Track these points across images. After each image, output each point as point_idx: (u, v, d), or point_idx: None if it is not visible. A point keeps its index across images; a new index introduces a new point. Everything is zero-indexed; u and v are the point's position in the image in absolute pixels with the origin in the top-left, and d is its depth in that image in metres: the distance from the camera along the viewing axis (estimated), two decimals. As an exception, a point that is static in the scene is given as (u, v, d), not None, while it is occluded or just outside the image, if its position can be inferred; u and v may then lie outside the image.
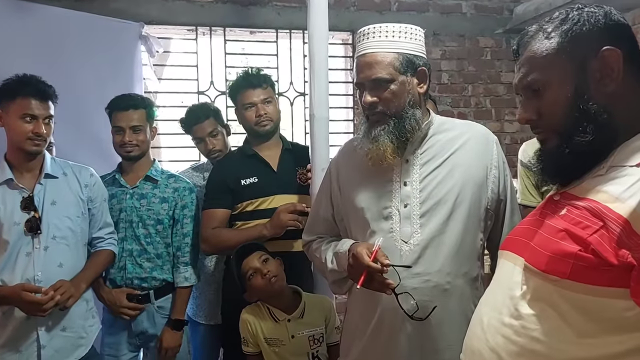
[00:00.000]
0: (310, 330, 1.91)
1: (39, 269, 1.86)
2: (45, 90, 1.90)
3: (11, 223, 1.84)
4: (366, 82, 1.45)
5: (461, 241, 1.43)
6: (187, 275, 2.22)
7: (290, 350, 1.90)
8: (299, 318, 1.92)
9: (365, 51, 1.45)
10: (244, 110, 2.22)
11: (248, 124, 2.23)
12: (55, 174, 1.96)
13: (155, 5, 3.14)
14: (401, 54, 1.43)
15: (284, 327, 1.91)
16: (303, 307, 1.94)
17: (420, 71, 1.47)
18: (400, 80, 1.43)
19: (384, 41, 1.43)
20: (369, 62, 1.44)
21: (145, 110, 2.23)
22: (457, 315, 1.42)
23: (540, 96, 1.02)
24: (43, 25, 2.65)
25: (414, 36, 1.46)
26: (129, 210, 2.20)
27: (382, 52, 1.43)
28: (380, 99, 1.43)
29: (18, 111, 1.84)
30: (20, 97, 1.85)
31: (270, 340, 1.91)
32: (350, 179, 1.57)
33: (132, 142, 2.19)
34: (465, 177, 1.45)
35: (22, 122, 1.85)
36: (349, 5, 3.36)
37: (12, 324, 1.83)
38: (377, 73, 1.42)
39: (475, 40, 3.54)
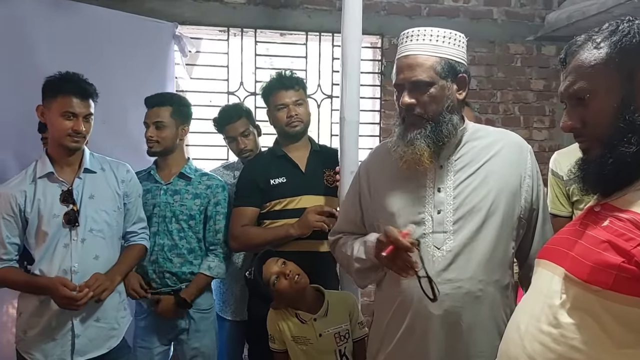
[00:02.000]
0: (335, 328, 1.93)
1: (76, 260, 1.91)
2: (86, 88, 1.94)
3: (51, 215, 1.90)
4: (406, 84, 1.44)
5: (493, 249, 1.43)
6: (212, 265, 2.25)
7: (318, 348, 1.92)
8: (324, 316, 1.94)
9: (407, 53, 1.45)
10: (275, 111, 2.26)
11: (279, 125, 2.27)
12: (94, 168, 2.01)
13: (189, 6, 3.19)
14: (443, 59, 1.43)
15: (311, 327, 1.93)
16: (327, 305, 1.96)
17: (460, 78, 1.47)
18: (440, 85, 1.43)
19: (427, 44, 1.43)
20: (410, 64, 1.43)
21: (171, 107, 2.28)
22: (488, 322, 1.42)
23: (586, 105, 1.02)
24: (82, 23, 2.72)
25: (457, 42, 1.46)
26: (163, 206, 2.25)
27: (424, 55, 1.43)
28: (418, 102, 1.43)
29: (59, 109, 1.89)
30: (61, 95, 1.89)
31: (298, 339, 1.94)
32: (382, 183, 1.57)
33: (153, 137, 2.25)
34: (499, 185, 1.45)
35: (63, 119, 1.89)
36: (379, 10, 3.38)
37: (48, 313, 1.89)
38: (417, 75, 1.42)
39: (505, 47, 3.52)
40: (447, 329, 1.41)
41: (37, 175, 1.93)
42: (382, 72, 3.43)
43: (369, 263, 1.52)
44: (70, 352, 1.91)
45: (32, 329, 1.91)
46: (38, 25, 2.58)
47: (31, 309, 1.91)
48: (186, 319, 2.25)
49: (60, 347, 1.90)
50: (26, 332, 1.92)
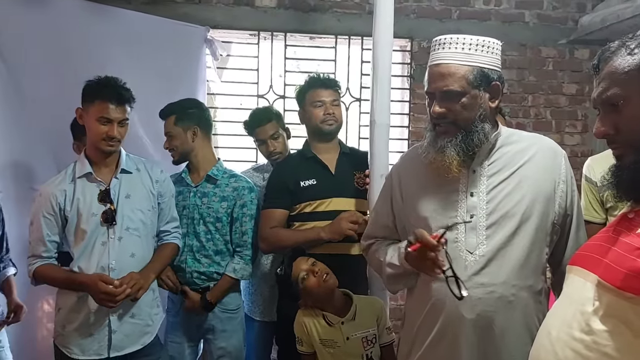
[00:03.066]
0: (363, 332, 1.94)
1: (113, 257, 1.97)
2: (123, 94, 1.99)
3: (89, 214, 1.96)
4: (437, 92, 1.44)
5: (527, 254, 1.42)
6: (237, 267, 2.28)
7: (345, 351, 1.93)
8: (352, 320, 1.95)
9: (439, 61, 1.44)
10: (312, 107, 2.26)
11: (314, 122, 2.27)
12: (130, 169, 2.07)
13: (221, 11, 3.25)
14: (476, 68, 1.41)
15: (339, 330, 1.95)
16: (355, 309, 1.97)
17: (493, 86, 1.45)
18: (472, 94, 1.42)
19: (459, 53, 1.42)
20: (442, 73, 1.42)
21: (174, 115, 2.32)
22: (520, 327, 1.41)
23: (619, 111, 1.02)
24: (118, 28, 2.80)
25: (490, 49, 1.45)
26: (191, 208, 2.29)
27: (456, 64, 1.41)
28: (449, 111, 1.42)
29: (96, 113, 1.94)
30: (99, 101, 1.94)
31: (326, 342, 1.95)
32: (414, 187, 1.57)
33: (168, 147, 2.33)
34: (533, 191, 1.44)
35: (99, 124, 1.94)
36: (409, 13, 3.38)
37: (85, 309, 1.95)
38: (449, 85, 1.41)
39: (537, 50, 3.48)
40: (479, 333, 1.41)
41: (77, 175, 1.99)
42: (412, 76, 3.43)
43: (401, 269, 1.53)
44: (107, 347, 1.97)
45: (70, 324, 1.97)
46: (75, 30, 2.67)
47: (69, 305, 1.97)
48: (213, 318, 2.29)
49: (97, 342, 1.96)
50: (64, 327, 1.98)
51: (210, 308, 2.26)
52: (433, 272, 1.36)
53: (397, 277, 1.58)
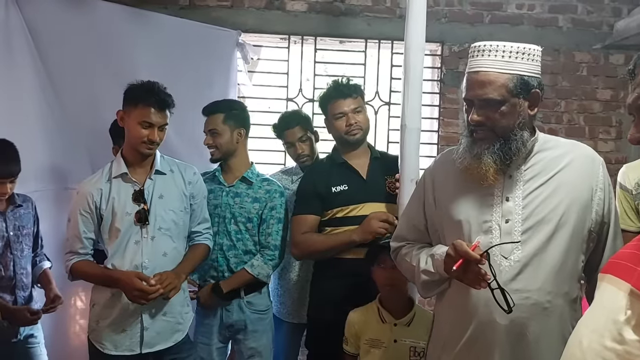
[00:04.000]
0: (413, 341, 1.92)
1: (146, 256, 2.01)
2: (165, 99, 2.03)
3: (123, 213, 2.01)
4: (476, 100, 1.43)
5: (563, 261, 1.41)
6: (255, 264, 2.29)
7: (390, 355, 1.93)
8: (406, 325, 1.95)
9: (478, 68, 1.43)
10: (334, 120, 2.27)
11: (338, 133, 2.28)
12: (164, 170, 2.11)
13: (253, 15, 3.29)
14: (515, 76, 1.40)
15: (389, 330, 1.94)
16: (412, 316, 1.96)
17: (533, 93, 1.44)
18: (511, 102, 1.40)
19: (499, 60, 1.40)
20: (481, 81, 1.41)
21: (222, 114, 2.35)
22: (555, 334, 1.40)
23: None
24: (154, 32, 2.86)
25: (531, 57, 1.43)
26: (224, 207, 2.32)
27: (496, 72, 1.40)
28: (488, 119, 1.41)
29: (138, 117, 1.99)
30: (142, 105, 1.99)
31: (373, 342, 1.95)
32: (447, 191, 1.57)
33: (211, 144, 2.34)
34: (570, 197, 1.43)
35: (140, 127, 1.99)
36: (440, 17, 3.36)
37: (119, 305, 1.99)
38: (488, 93, 1.40)
39: (570, 55, 3.42)
40: (512, 340, 1.39)
41: (113, 175, 2.04)
42: (442, 80, 3.41)
43: (437, 276, 1.52)
44: (139, 344, 2.01)
45: (104, 319, 2.01)
46: (113, 34, 2.73)
47: (104, 301, 2.02)
48: (244, 319, 2.32)
49: (129, 338, 2.01)
50: (98, 323, 2.03)
51: (224, 297, 2.27)
52: (477, 286, 1.35)
53: (432, 284, 1.57)
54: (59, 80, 2.59)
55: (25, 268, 2.23)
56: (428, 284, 1.57)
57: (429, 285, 1.58)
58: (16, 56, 2.42)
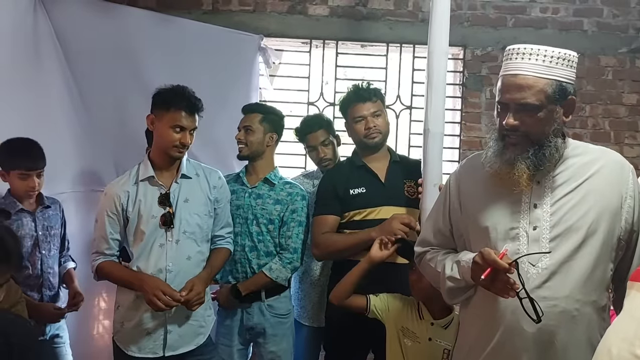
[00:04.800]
0: (448, 344, 1.89)
1: (170, 260, 2.03)
2: (195, 104, 2.06)
3: (149, 216, 2.03)
4: (512, 104, 1.39)
5: (592, 269, 1.39)
6: (274, 267, 2.29)
7: (423, 351, 1.91)
8: (443, 327, 1.93)
9: (517, 72, 1.39)
10: (354, 124, 2.28)
11: (357, 137, 2.29)
12: (190, 174, 2.13)
13: (275, 19, 3.31)
14: (554, 81, 1.37)
15: (425, 327, 1.93)
16: (451, 319, 1.94)
17: (570, 100, 1.41)
18: (548, 109, 1.38)
19: (539, 65, 1.37)
20: (519, 85, 1.38)
21: (260, 114, 2.39)
22: (583, 343, 1.38)
23: None
24: (178, 36, 2.91)
25: (569, 62, 1.40)
26: (246, 208, 2.34)
27: (535, 77, 1.37)
28: (523, 124, 1.38)
29: (170, 121, 2.01)
30: (173, 109, 2.01)
31: (407, 331, 1.94)
32: (474, 196, 1.55)
33: (242, 140, 2.36)
34: (599, 205, 1.40)
35: (172, 131, 2.01)
36: (463, 21, 3.35)
37: (143, 307, 2.01)
38: (526, 98, 1.37)
39: (595, 59, 3.38)
40: (540, 348, 1.37)
41: (140, 178, 2.07)
42: (464, 84, 3.39)
43: (463, 283, 1.50)
44: (162, 346, 2.03)
45: (128, 321, 2.04)
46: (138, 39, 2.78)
47: (128, 303, 2.04)
48: (265, 322, 2.33)
49: (153, 340, 2.03)
50: (123, 324, 2.05)
51: (242, 299, 2.28)
52: (505, 295, 1.34)
53: (457, 290, 1.55)
54: (85, 85, 2.63)
55: (52, 268, 2.28)
56: (453, 290, 1.55)
57: (454, 291, 1.56)
58: (44, 61, 2.47)
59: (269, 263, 2.30)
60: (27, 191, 2.17)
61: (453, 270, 1.53)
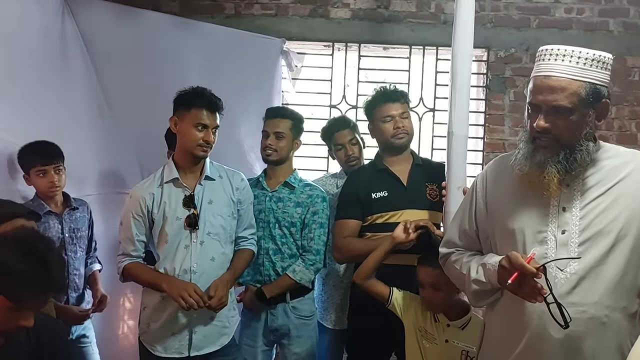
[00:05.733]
0: (466, 345, 1.88)
1: (195, 261, 2.05)
2: (216, 102, 2.08)
3: (174, 217, 2.05)
4: (544, 106, 1.36)
5: (623, 274, 1.36)
6: (297, 269, 2.30)
7: (440, 353, 1.90)
8: (460, 328, 1.91)
9: (551, 73, 1.36)
10: (381, 123, 2.27)
11: (384, 137, 2.28)
12: (213, 176, 2.15)
13: (296, 22, 3.32)
14: (588, 84, 1.34)
15: (441, 329, 1.92)
16: (468, 320, 1.92)
17: (603, 103, 1.38)
18: (581, 112, 1.35)
19: (574, 67, 1.34)
20: (552, 86, 1.35)
21: (291, 121, 2.40)
22: (612, 350, 1.35)
23: None
24: (201, 40, 2.94)
25: (604, 65, 1.36)
26: (267, 212, 2.35)
27: (570, 79, 1.34)
28: (555, 127, 1.35)
29: (192, 120, 2.04)
30: (195, 108, 2.04)
31: (424, 332, 1.93)
32: (500, 199, 1.53)
33: (272, 146, 2.35)
34: (630, 209, 1.37)
35: (195, 130, 2.04)
36: (486, 22, 3.32)
37: (169, 308, 2.03)
38: (559, 100, 1.34)
39: (622, 60, 3.31)
40: (567, 354, 1.35)
41: (164, 180, 2.09)
42: (488, 86, 3.36)
43: (489, 286, 1.48)
44: (188, 347, 2.05)
45: (154, 322, 2.06)
46: (162, 43, 2.82)
47: (154, 304, 2.06)
48: (289, 323, 2.33)
49: (178, 341, 2.05)
50: (149, 325, 2.07)
51: (267, 301, 2.29)
52: (533, 300, 1.32)
53: (483, 293, 1.53)
54: (111, 89, 2.68)
55: (78, 269, 2.32)
56: (479, 293, 1.53)
57: (480, 294, 1.54)
58: (71, 66, 2.52)
59: (292, 265, 2.31)
60: (49, 188, 2.21)
61: (479, 273, 1.51)
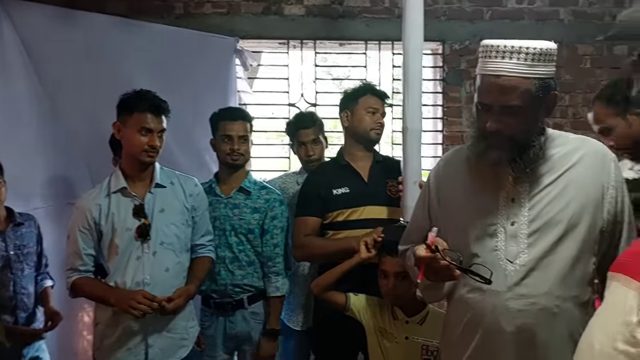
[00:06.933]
0: (426, 340, 1.89)
1: (147, 272, 1.97)
2: (160, 105, 2.01)
3: (124, 229, 1.97)
4: (495, 106, 1.33)
5: (573, 264, 1.35)
6: (279, 285, 2.30)
7: (400, 352, 1.90)
8: (418, 324, 1.92)
9: (499, 72, 1.31)
10: (364, 113, 2.27)
11: (362, 127, 2.27)
12: (164, 183, 2.07)
13: (250, 21, 3.26)
14: (538, 80, 1.31)
15: (401, 327, 1.92)
16: (425, 314, 1.93)
17: (552, 96, 1.36)
18: (533, 108, 1.33)
19: (522, 64, 1.30)
20: (503, 86, 1.31)
21: (249, 122, 2.36)
22: (565, 340, 1.34)
23: None
24: (147, 42, 2.84)
25: (551, 57, 1.33)
26: (223, 219, 2.30)
27: (519, 77, 1.30)
28: (507, 127, 1.33)
29: (136, 125, 1.96)
30: (137, 112, 1.96)
31: (384, 332, 1.93)
32: (451, 192, 1.52)
33: (240, 150, 2.30)
34: (580, 196, 1.36)
35: (139, 135, 1.96)
36: (439, 15, 3.32)
37: (122, 323, 1.96)
38: (510, 101, 1.31)
39: (573, 48, 3.37)
40: (520, 347, 1.34)
41: (111, 190, 2.01)
42: (444, 79, 3.37)
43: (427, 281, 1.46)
44: (144, 361, 1.98)
45: (107, 338, 1.98)
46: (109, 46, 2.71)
47: (106, 319, 1.99)
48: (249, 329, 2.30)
49: (134, 356, 1.97)
50: (102, 341, 2.00)
51: (277, 335, 2.31)
52: (452, 277, 1.34)
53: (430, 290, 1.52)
54: (55, 94, 2.57)
55: (26, 288, 2.22)
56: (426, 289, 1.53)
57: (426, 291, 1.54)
58: (11, 71, 2.40)
59: (269, 285, 2.29)
60: None
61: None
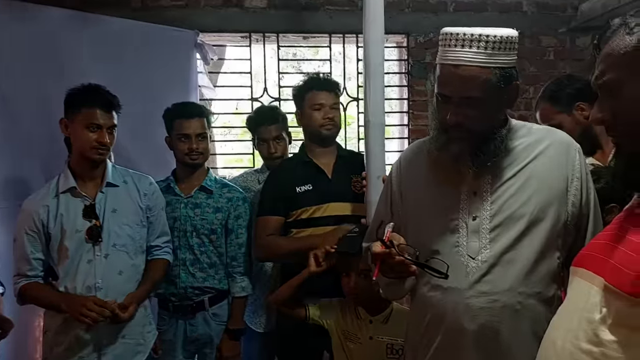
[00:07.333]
0: (390, 338, 1.87)
1: (99, 276, 1.89)
2: (110, 100, 1.93)
3: (73, 230, 1.89)
4: (455, 97, 1.28)
5: (536, 259, 1.31)
6: (244, 285, 2.25)
7: (365, 352, 1.88)
8: (382, 322, 1.90)
9: (458, 62, 1.25)
10: (311, 110, 2.19)
11: (312, 125, 2.20)
12: (116, 182, 1.99)
13: (210, 14, 3.18)
14: (499, 69, 1.25)
15: (365, 326, 1.90)
16: (389, 313, 1.91)
17: (514, 86, 1.31)
18: (493, 99, 1.27)
19: (482, 53, 1.24)
20: (462, 77, 1.25)
21: (206, 118, 2.28)
22: (529, 338, 1.30)
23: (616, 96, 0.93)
24: (106, 36, 2.74)
25: (512, 45, 1.27)
26: (183, 220, 2.22)
27: (479, 67, 1.24)
28: (467, 118, 1.28)
29: (83, 121, 1.88)
30: (85, 108, 1.88)
31: (348, 334, 1.91)
32: (413, 186, 1.47)
33: (199, 149, 2.22)
34: (543, 189, 1.32)
35: (87, 131, 1.88)
36: (404, 7, 3.30)
37: (73, 330, 1.87)
38: (469, 92, 1.25)
39: (536, 40, 3.39)
40: (483, 346, 1.31)
41: (60, 190, 1.92)
42: (409, 72, 3.34)
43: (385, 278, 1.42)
44: (97, 370, 1.90)
45: (57, 346, 1.90)
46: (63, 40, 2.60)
47: (55, 327, 1.90)
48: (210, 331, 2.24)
49: (86, 364, 1.90)
50: (52, 350, 1.91)
51: (240, 335, 2.27)
52: (409, 273, 1.28)
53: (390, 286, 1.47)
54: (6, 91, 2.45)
55: (-27, 296, 2.11)
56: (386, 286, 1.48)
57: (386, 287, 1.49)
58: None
59: (234, 285, 2.24)
60: None
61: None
